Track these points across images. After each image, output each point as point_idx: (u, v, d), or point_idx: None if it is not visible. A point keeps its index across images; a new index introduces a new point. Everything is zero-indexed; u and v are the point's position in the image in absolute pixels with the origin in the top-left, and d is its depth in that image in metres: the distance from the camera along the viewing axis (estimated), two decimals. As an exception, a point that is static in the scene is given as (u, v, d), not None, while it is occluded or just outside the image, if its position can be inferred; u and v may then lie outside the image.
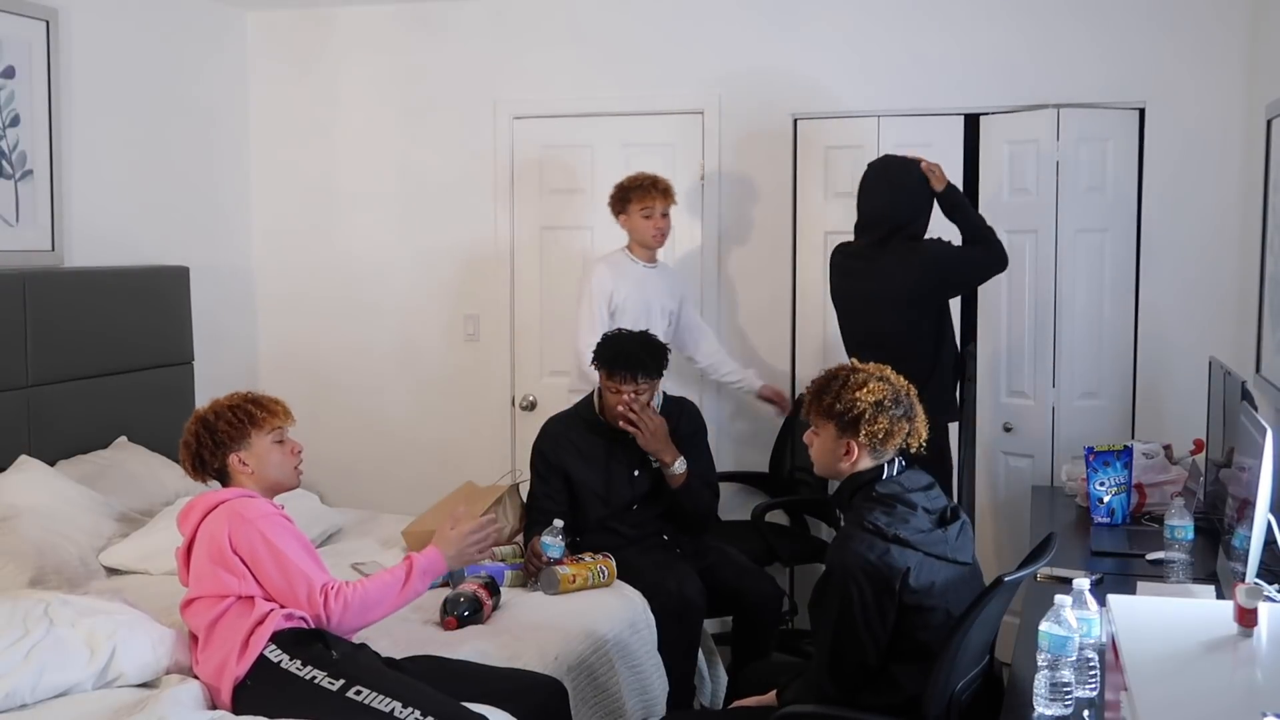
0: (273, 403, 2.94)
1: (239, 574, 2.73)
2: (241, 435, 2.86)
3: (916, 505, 2.50)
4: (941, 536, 2.49)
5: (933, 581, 2.44)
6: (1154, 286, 4.32)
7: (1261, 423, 2.58)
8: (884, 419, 2.53)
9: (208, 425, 2.86)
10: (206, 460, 2.87)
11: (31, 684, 2.61)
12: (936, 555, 2.46)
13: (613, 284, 4.29)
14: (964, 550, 2.55)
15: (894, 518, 2.46)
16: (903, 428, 2.56)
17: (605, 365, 3.64)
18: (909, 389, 2.63)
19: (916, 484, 2.57)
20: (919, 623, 2.43)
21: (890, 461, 2.59)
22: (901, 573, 2.41)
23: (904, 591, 2.41)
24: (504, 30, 5.01)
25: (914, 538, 2.44)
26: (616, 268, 4.35)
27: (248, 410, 2.88)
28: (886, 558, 2.41)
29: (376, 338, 5.28)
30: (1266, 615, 2.17)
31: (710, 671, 3.81)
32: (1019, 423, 4.38)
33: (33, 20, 4.18)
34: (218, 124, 5.18)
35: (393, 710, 2.57)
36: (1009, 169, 4.37)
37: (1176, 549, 3.05)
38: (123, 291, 4.46)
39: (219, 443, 2.85)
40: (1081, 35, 4.35)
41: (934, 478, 2.65)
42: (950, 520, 2.55)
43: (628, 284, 4.30)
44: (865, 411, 2.53)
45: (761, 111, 4.72)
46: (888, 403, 2.54)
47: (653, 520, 3.79)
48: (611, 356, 3.63)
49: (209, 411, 2.89)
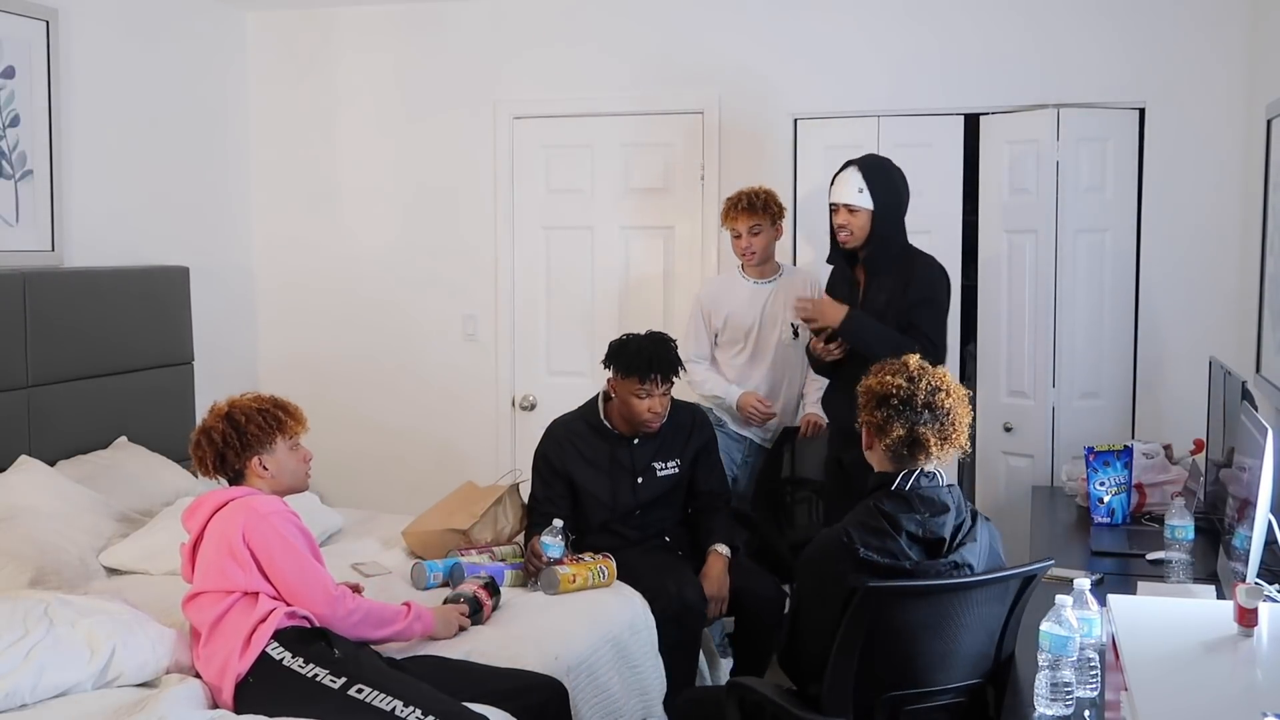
0: (296, 409, 2.97)
1: (247, 568, 2.73)
2: (268, 439, 2.88)
3: (903, 529, 2.42)
4: (912, 568, 2.39)
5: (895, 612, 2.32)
6: (1154, 286, 4.33)
7: (1262, 422, 2.58)
8: (880, 412, 2.50)
9: (237, 426, 2.86)
10: (229, 460, 2.87)
11: (31, 684, 2.61)
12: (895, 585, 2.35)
13: (712, 303, 4.33)
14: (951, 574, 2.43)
15: (868, 534, 2.41)
16: (895, 430, 2.47)
17: (635, 372, 3.61)
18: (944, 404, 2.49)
19: (923, 507, 2.45)
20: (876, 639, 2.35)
21: (910, 473, 2.48)
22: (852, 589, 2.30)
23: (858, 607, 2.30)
24: (504, 30, 5.01)
25: (876, 559, 2.37)
26: (721, 285, 4.38)
27: (277, 416, 2.90)
28: (843, 566, 2.37)
29: (376, 337, 5.28)
30: (1266, 615, 2.18)
31: (711, 673, 3.81)
32: (1019, 423, 4.38)
33: (33, 20, 4.18)
34: (218, 124, 5.18)
35: (394, 709, 2.57)
36: (1009, 169, 4.37)
37: (1177, 549, 3.05)
38: (123, 291, 4.46)
39: (246, 444, 2.86)
40: (1081, 35, 4.35)
41: None
42: (949, 551, 2.45)
43: (733, 301, 4.29)
44: (860, 398, 2.57)
45: (761, 111, 4.72)
46: (895, 401, 2.48)
47: (654, 523, 3.79)
48: (641, 364, 3.61)
49: (237, 411, 2.88)
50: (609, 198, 4.96)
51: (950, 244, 4.57)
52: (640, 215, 4.92)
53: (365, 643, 2.88)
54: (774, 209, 4.24)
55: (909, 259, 3.70)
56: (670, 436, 3.80)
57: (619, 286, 4.97)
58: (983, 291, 4.50)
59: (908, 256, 3.70)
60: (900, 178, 3.72)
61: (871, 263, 3.69)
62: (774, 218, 4.25)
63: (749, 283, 4.32)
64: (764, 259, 4.28)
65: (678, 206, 4.87)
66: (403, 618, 2.95)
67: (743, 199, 4.22)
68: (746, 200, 4.21)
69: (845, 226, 3.66)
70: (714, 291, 4.38)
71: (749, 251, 4.25)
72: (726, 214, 4.27)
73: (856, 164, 3.70)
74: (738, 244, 4.26)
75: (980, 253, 4.51)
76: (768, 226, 4.24)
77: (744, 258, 4.28)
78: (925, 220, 4.51)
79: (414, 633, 2.98)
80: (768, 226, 4.24)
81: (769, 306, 4.27)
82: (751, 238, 4.22)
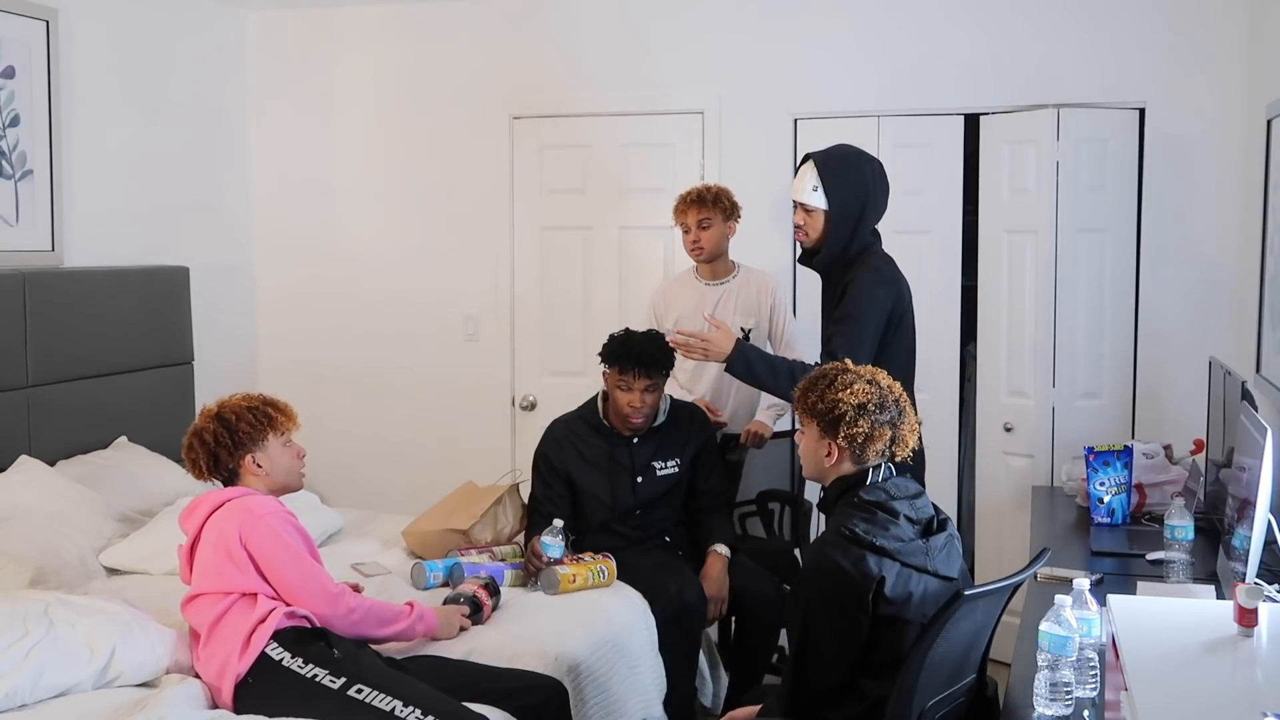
0: (287, 406, 2.97)
1: (245, 570, 2.74)
2: (260, 437, 2.88)
3: (899, 513, 2.42)
4: (922, 547, 2.40)
5: (910, 593, 2.35)
6: (1154, 286, 4.33)
7: (1262, 423, 2.58)
8: (865, 422, 2.45)
9: (228, 425, 2.86)
10: (223, 460, 2.87)
11: (31, 684, 2.61)
12: (915, 566, 2.37)
13: (665, 305, 4.24)
14: (949, 564, 2.45)
15: (874, 525, 2.37)
16: (884, 433, 2.46)
17: (615, 362, 3.64)
18: (900, 395, 2.53)
19: (903, 491, 2.48)
20: (893, 636, 2.34)
21: (876, 467, 2.49)
22: (875, 581, 2.31)
23: (878, 602, 2.32)
24: (504, 30, 5.01)
25: (892, 546, 2.35)
26: (673, 286, 4.30)
27: (267, 413, 2.90)
28: (861, 565, 2.32)
29: (376, 337, 5.29)
30: (1266, 615, 2.18)
31: (712, 673, 3.81)
32: (1019, 423, 4.38)
33: (33, 20, 4.18)
34: (218, 124, 5.18)
35: (394, 709, 2.57)
36: (1009, 169, 4.37)
37: (1176, 549, 3.04)
38: (123, 291, 4.46)
39: (238, 443, 2.86)
40: (1081, 35, 4.36)
41: None
42: (936, 531, 2.46)
43: (683, 303, 4.17)
44: (846, 413, 2.45)
45: (761, 111, 4.73)
46: (871, 406, 2.46)
47: (655, 523, 3.79)
48: (622, 354, 3.64)
49: (227, 411, 2.88)
50: (608, 198, 4.96)
51: (950, 244, 4.58)
52: (640, 215, 4.92)
53: (367, 642, 2.89)
54: (725, 204, 4.09)
55: (858, 265, 3.36)
56: (670, 436, 3.80)
57: (618, 287, 4.97)
58: (983, 291, 4.50)
59: (859, 262, 3.36)
60: (868, 175, 3.39)
61: (822, 266, 3.45)
62: (726, 213, 4.10)
63: (700, 284, 4.20)
64: (713, 255, 4.13)
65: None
66: (405, 617, 2.95)
67: (693, 192, 4.10)
68: (696, 194, 4.09)
69: (800, 226, 3.42)
70: (666, 293, 4.28)
71: (697, 246, 4.09)
72: (676, 208, 4.13)
73: (814, 158, 3.40)
74: (686, 238, 4.12)
75: (980, 253, 4.51)
76: (718, 221, 4.08)
77: (692, 252, 4.14)
78: (925, 220, 4.54)
79: (416, 633, 2.98)
80: (718, 221, 4.08)
81: (718, 310, 4.11)
82: (700, 231, 4.07)
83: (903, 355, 3.37)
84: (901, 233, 4.11)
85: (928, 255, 4.53)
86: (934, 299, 4.53)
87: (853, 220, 3.36)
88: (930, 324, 4.40)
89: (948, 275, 4.59)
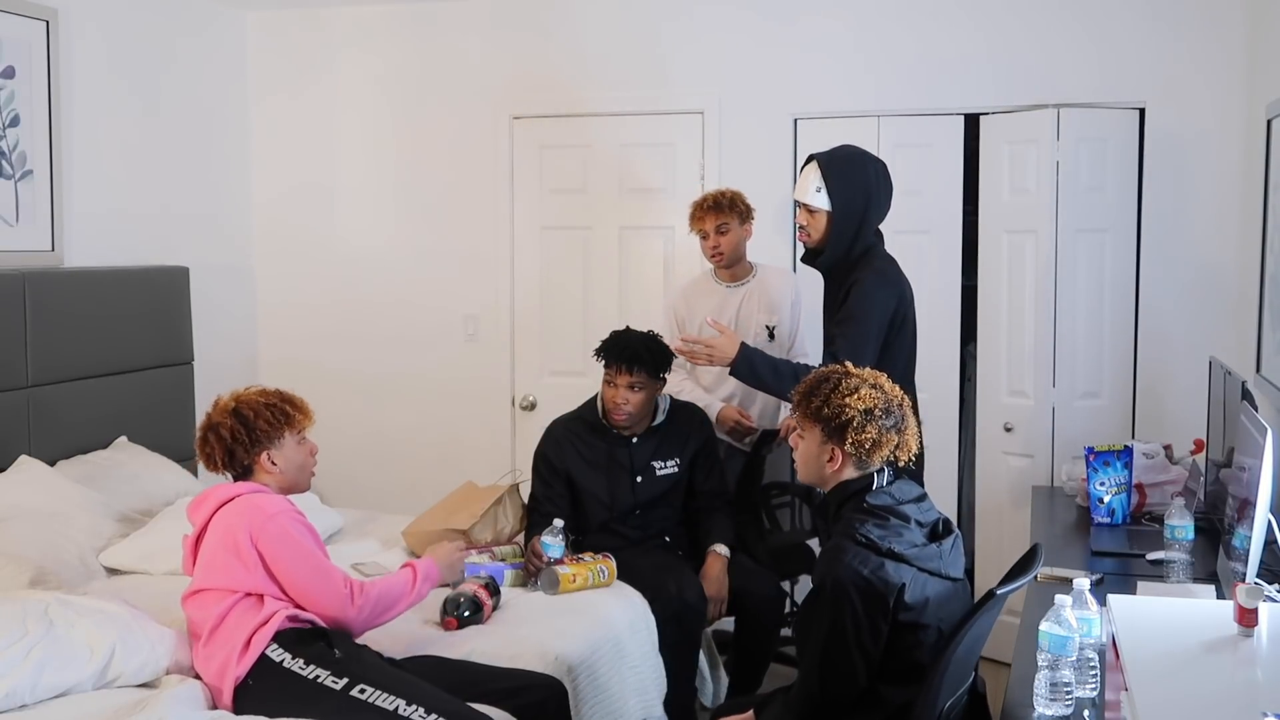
0: (303, 402, 2.95)
1: (253, 569, 2.72)
2: (277, 434, 2.86)
3: (910, 518, 2.40)
4: (935, 551, 2.39)
5: (926, 598, 2.35)
6: (1154, 286, 4.33)
7: (1262, 423, 2.58)
8: (873, 428, 2.43)
9: (245, 421, 2.83)
10: (238, 456, 2.85)
11: (31, 684, 2.61)
12: (930, 570, 2.37)
13: (687, 309, 4.22)
14: (955, 565, 2.45)
15: (888, 531, 2.36)
16: (891, 439, 2.45)
17: (604, 356, 3.68)
18: (902, 399, 2.52)
19: (908, 495, 2.47)
20: (911, 641, 2.34)
21: (880, 471, 2.48)
22: (896, 589, 2.31)
23: (898, 609, 2.31)
24: (503, 30, 5.01)
25: (908, 552, 2.34)
26: (692, 289, 4.29)
27: (285, 410, 2.88)
28: (880, 573, 2.30)
29: (376, 337, 5.29)
30: (1266, 615, 2.18)
31: (711, 673, 3.81)
32: (1019, 423, 4.38)
33: (33, 20, 4.18)
34: (218, 124, 5.18)
35: (397, 708, 2.57)
36: (1009, 169, 4.37)
37: (1176, 549, 3.05)
38: (123, 291, 4.46)
39: (255, 439, 2.84)
40: (1081, 35, 4.35)
41: None
42: (943, 534, 2.46)
43: (704, 305, 4.15)
44: (854, 419, 2.43)
45: (761, 111, 4.73)
46: (878, 412, 2.44)
47: (654, 523, 3.79)
48: (609, 349, 3.67)
49: (244, 407, 2.86)
50: (608, 198, 4.96)
51: (950, 244, 4.58)
52: (640, 215, 4.92)
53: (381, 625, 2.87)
54: (741, 208, 4.11)
55: (862, 267, 3.38)
56: (669, 436, 3.80)
57: (619, 287, 4.97)
58: (983, 291, 4.50)
59: (863, 263, 3.39)
60: (871, 175, 3.42)
61: (825, 267, 3.48)
62: (742, 216, 4.11)
63: (721, 286, 4.21)
64: (733, 260, 4.14)
65: (677, 207, 4.85)
66: (410, 586, 2.90)
67: (708, 199, 4.11)
68: (713, 200, 4.10)
69: (804, 226, 3.45)
70: (685, 296, 4.28)
71: (717, 251, 4.10)
72: (693, 216, 4.14)
73: (818, 159, 3.43)
74: (705, 244, 4.13)
75: (980, 253, 4.51)
76: (736, 225, 4.09)
77: (712, 258, 4.15)
78: (925, 220, 4.54)
79: (425, 595, 2.95)
80: (736, 225, 4.09)
81: (741, 311, 4.13)
82: (719, 237, 4.08)
83: (904, 356, 3.39)
84: (901, 233, 4.10)
85: (928, 255, 4.53)
86: (934, 299, 4.53)
87: (856, 221, 3.38)
88: (930, 324, 4.39)
89: (948, 275, 4.59)
